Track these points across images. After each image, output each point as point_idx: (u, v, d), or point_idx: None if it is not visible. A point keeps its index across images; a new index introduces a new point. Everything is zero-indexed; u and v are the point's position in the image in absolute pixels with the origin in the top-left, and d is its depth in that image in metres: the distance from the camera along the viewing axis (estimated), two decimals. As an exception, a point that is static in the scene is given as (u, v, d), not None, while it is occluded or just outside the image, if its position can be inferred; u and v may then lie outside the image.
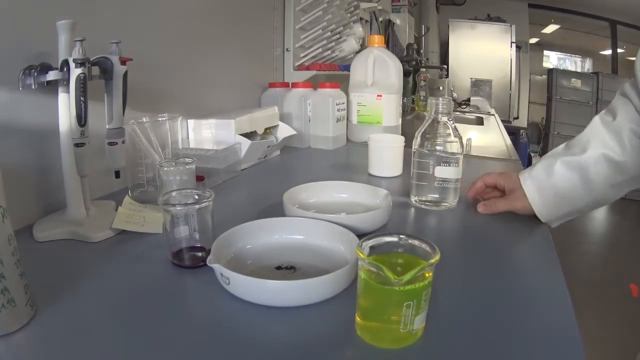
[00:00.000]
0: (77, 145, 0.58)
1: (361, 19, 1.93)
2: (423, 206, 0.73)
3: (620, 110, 0.62)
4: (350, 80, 1.32)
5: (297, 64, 1.45)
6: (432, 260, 0.36)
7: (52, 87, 0.58)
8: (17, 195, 0.58)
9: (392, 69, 1.27)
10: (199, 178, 0.76)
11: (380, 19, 2.36)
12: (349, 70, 1.34)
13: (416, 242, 0.39)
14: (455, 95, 3.24)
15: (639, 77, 0.60)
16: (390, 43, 2.52)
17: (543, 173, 0.64)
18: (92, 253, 0.54)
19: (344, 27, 1.55)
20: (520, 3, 4.50)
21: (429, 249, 0.38)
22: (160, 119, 0.74)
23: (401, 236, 0.40)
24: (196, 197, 0.52)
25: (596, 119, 0.65)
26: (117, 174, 0.66)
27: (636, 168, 0.60)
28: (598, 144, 0.62)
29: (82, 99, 0.56)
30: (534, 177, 0.65)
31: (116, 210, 0.63)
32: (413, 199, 0.74)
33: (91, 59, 0.58)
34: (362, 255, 0.36)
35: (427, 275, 0.36)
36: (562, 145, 0.66)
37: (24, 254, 0.39)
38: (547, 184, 0.63)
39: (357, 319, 0.39)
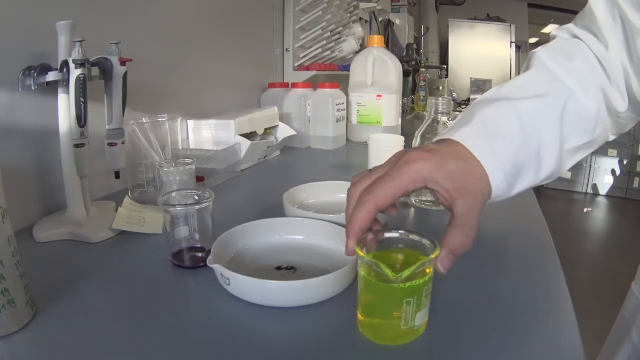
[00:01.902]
0: (76, 145, 0.58)
1: (361, 19, 1.93)
2: (423, 206, 0.73)
3: (579, 55, 0.45)
4: (350, 80, 1.32)
5: (296, 64, 1.45)
6: (432, 256, 0.35)
7: (51, 88, 0.58)
8: (17, 196, 0.58)
9: (391, 69, 1.27)
10: (199, 178, 0.76)
11: (380, 19, 2.36)
12: (349, 70, 1.34)
13: (416, 237, 0.38)
14: (454, 95, 3.24)
15: (597, 11, 0.44)
16: (390, 43, 2.52)
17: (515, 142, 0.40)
18: (92, 253, 0.54)
19: (343, 27, 1.55)
20: (520, 3, 4.50)
21: (429, 244, 0.37)
22: (160, 119, 0.74)
23: (401, 231, 0.39)
24: (196, 197, 0.52)
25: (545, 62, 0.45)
26: (117, 175, 0.66)
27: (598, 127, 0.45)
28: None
29: (81, 99, 0.56)
30: (502, 141, 0.40)
31: (116, 210, 0.63)
32: (413, 198, 0.74)
33: (91, 60, 0.58)
34: (361, 253, 0.36)
35: (427, 271, 0.35)
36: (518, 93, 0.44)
37: (24, 255, 0.39)
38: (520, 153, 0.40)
39: (359, 315, 0.39)
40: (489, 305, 0.44)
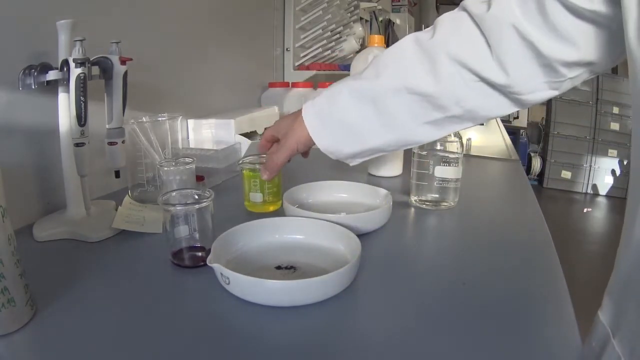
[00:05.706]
0: (77, 145, 0.58)
1: (361, 18, 1.93)
2: (423, 206, 0.73)
3: (445, 26, 0.47)
4: (350, 80, 1.32)
5: (297, 63, 1.45)
6: (257, 166, 0.66)
7: (52, 87, 0.58)
8: (17, 195, 0.58)
9: (392, 68, 1.27)
10: (199, 178, 0.76)
11: (380, 19, 2.36)
12: (349, 70, 1.34)
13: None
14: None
15: None
16: (390, 43, 2.52)
17: (326, 103, 0.54)
18: (92, 253, 0.54)
19: (344, 26, 1.55)
20: (521, 3, 4.50)
21: None
22: (160, 118, 0.74)
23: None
24: (196, 197, 0.52)
25: (409, 36, 0.50)
26: (117, 174, 0.66)
27: (454, 105, 0.47)
28: (399, 69, 0.48)
29: (82, 98, 0.56)
30: (317, 106, 0.54)
31: (116, 210, 0.63)
32: (413, 198, 0.74)
33: (91, 59, 0.58)
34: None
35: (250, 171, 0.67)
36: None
37: (24, 254, 0.39)
38: (332, 117, 0.53)
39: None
40: (488, 305, 0.44)
